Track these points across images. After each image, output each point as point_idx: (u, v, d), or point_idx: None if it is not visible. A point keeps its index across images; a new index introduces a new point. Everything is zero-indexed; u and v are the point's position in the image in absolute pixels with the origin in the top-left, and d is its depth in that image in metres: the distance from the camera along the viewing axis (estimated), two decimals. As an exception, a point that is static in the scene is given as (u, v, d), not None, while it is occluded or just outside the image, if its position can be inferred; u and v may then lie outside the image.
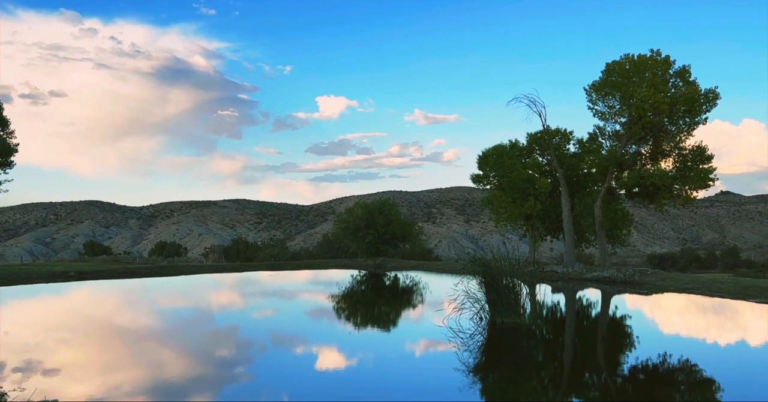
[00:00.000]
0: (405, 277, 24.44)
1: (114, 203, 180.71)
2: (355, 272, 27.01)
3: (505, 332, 10.23)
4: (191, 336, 10.52)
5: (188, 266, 29.11)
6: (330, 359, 8.36)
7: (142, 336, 10.43)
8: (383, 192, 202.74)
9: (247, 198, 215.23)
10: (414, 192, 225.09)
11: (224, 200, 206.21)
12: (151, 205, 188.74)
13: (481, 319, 10.98)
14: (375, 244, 31.57)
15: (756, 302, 14.55)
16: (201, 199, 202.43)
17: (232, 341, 9.99)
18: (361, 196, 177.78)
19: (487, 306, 11.06)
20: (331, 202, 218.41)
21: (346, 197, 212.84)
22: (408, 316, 13.93)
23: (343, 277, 24.69)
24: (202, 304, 16.23)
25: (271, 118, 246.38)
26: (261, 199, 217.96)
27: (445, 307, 11.14)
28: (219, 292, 19.85)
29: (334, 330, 11.19)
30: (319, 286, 22.06)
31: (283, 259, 38.41)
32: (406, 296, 18.23)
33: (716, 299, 15.56)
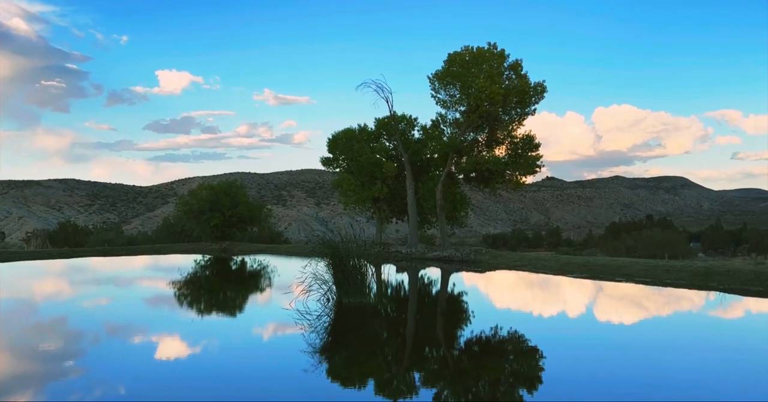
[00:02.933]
0: (252, 260, 23.98)
1: None
2: (199, 257, 25.99)
3: (351, 312, 10.46)
4: (8, 329, 9.44)
5: (5, 252, 26.09)
6: (171, 348, 7.97)
7: (-54, 334, 9.16)
8: (231, 173, 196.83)
9: (77, 178, 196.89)
10: (263, 174, 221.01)
11: (49, 180, 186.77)
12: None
13: (328, 300, 11.11)
14: (221, 227, 30.54)
15: (573, 277, 16.29)
16: (22, 179, 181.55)
17: (59, 333, 9.13)
18: (206, 177, 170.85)
19: (334, 287, 11.22)
20: (173, 183, 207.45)
21: (189, 178, 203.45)
22: (255, 300, 13.70)
23: (186, 262, 23.64)
24: (21, 293, 14.64)
25: (104, 92, 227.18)
26: (93, 179, 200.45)
27: (293, 290, 11.11)
28: (43, 280, 18.04)
29: (175, 318, 10.69)
30: (159, 272, 20.90)
31: (119, 244, 35.83)
32: (254, 280, 17.91)
33: (541, 275, 17.17)
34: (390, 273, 18.45)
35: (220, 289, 15.84)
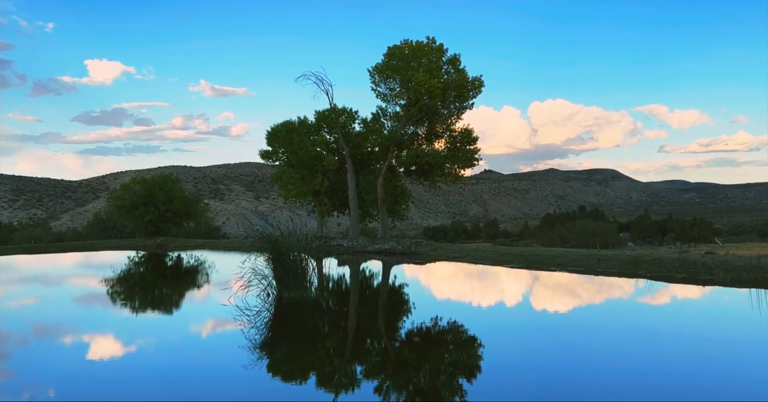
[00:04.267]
0: (189, 256, 23.40)
1: None
2: (133, 253, 25.15)
3: (292, 307, 10.37)
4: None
5: None
6: (105, 348, 7.69)
7: None
8: (165, 167, 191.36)
9: (0, 172, 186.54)
10: (200, 167, 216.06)
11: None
12: None
13: (268, 295, 10.98)
14: (155, 222, 29.70)
15: (510, 267, 16.72)
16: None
17: (-20, 337, 8.64)
18: (140, 171, 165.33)
19: (274, 282, 11.09)
20: (104, 177, 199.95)
21: (122, 172, 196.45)
22: (192, 297, 13.38)
23: (119, 259, 22.84)
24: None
25: (29, 81, 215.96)
26: (17, 173, 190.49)
27: (232, 286, 10.92)
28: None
29: (108, 316, 10.31)
30: (90, 270, 20.10)
31: (46, 241, 34.24)
32: (191, 277, 17.49)
33: (479, 266, 17.53)
34: (331, 267, 18.41)
35: (155, 286, 15.38)
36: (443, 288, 14.44)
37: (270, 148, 27.57)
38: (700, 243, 75.45)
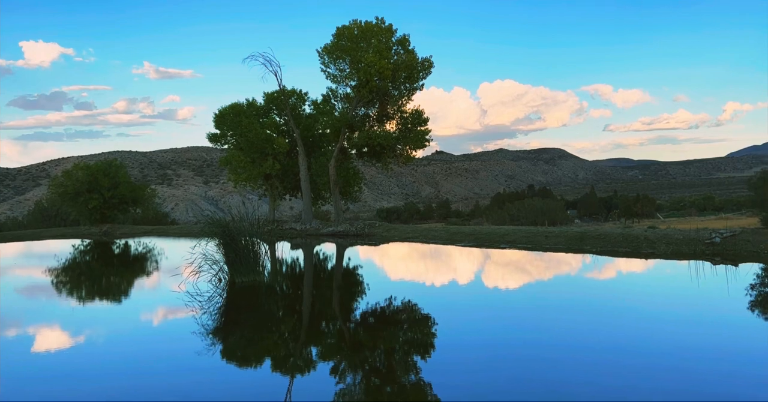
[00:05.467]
0: (137, 244, 22.84)
1: None
2: (78, 242, 24.36)
3: (245, 292, 10.28)
4: None
5: None
6: (51, 341, 7.44)
7: None
8: (110, 152, 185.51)
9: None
10: (146, 152, 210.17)
11: None
12: None
13: (220, 280, 10.84)
14: (100, 209, 28.80)
15: (462, 246, 16.98)
16: None
17: None
18: (82, 157, 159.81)
19: (226, 267, 10.95)
20: (44, 163, 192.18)
21: (63, 158, 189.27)
22: (141, 284, 13.08)
23: (64, 248, 22.09)
24: None
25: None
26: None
27: (183, 272, 10.72)
28: None
29: (54, 308, 9.98)
30: (33, 260, 19.36)
31: (-16, 231, 32.74)
32: (139, 264, 17.07)
33: (432, 245, 17.73)
34: (285, 251, 18.31)
35: (102, 275, 14.95)
36: (397, 268, 14.56)
37: (218, 132, 26.98)
38: (644, 218, 78.44)
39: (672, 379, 5.14)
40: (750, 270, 11.26)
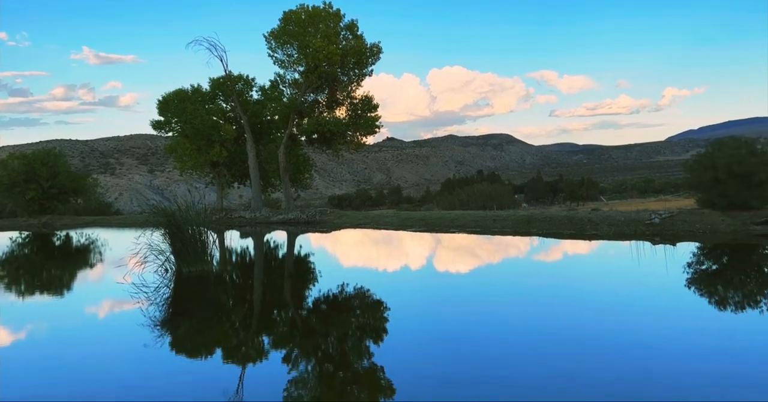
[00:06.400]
0: (79, 235, 22.06)
1: None
2: (15, 234, 23.36)
3: (192, 282, 10.07)
4: None
5: None
6: (-16, 337, 7.11)
7: None
8: (48, 141, 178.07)
9: None
10: (87, 140, 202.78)
11: None
12: None
13: (166, 270, 10.59)
14: (38, 200, 27.68)
15: (413, 231, 17.10)
16: None
17: None
18: (18, 146, 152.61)
19: (172, 257, 10.70)
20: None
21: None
22: (84, 277, 12.65)
23: (0, 241, 21.14)
24: None
25: None
26: None
27: (127, 263, 10.42)
28: None
29: (-12, 303, 9.53)
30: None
31: None
32: (81, 256, 16.50)
33: (383, 231, 17.79)
34: (234, 239, 18.04)
35: (42, 268, 14.38)
36: (348, 255, 14.55)
37: (162, 119, 26.23)
38: (588, 201, 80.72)
39: (620, 364, 5.33)
40: (687, 249, 11.76)
